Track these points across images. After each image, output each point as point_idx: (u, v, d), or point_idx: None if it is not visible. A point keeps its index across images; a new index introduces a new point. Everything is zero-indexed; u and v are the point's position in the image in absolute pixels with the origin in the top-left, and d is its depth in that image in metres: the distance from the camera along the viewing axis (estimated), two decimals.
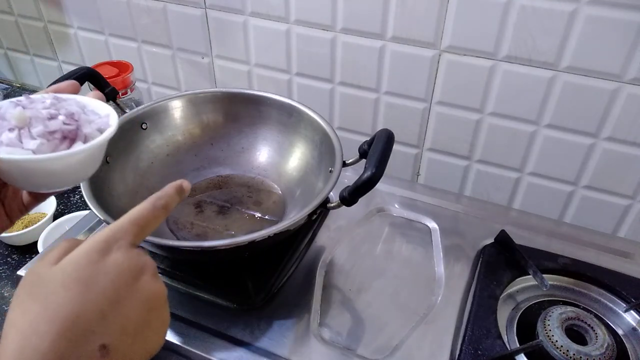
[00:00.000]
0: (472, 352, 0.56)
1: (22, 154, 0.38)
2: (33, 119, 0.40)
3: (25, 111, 0.40)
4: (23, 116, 0.39)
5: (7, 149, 0.38)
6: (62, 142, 0.40)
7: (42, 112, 0.40)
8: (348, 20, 0.84)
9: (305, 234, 0.72)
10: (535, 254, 0.68)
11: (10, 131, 0.39)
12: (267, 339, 0.58)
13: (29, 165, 0.39)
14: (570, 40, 0.71)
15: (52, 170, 0.40)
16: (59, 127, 0.40)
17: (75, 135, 0.40)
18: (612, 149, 0.77)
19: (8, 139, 0.38)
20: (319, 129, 0.71)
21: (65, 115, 0.41)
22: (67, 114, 0.41)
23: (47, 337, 0.28)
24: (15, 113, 0.39)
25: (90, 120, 0.43)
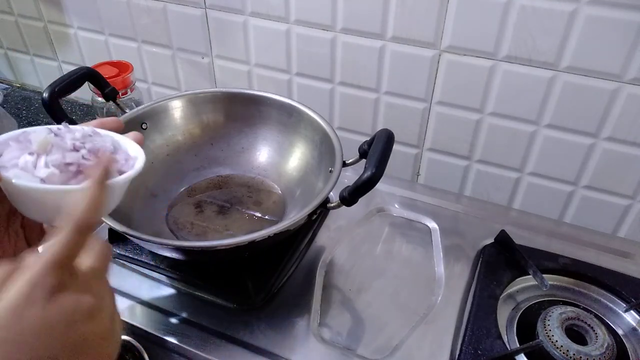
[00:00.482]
0: (472, 352, 0.56)
1: (29, 181, 0.36)
2: (55, 147, 0.38)
3: (49, 138, 0.38)
4: (45, 142, 0.38)
5: (18, 173, 0.37)
6: (76, 176, 0.38)
7: (68, 142, 0.39)
8: (348, 20, 0.84)
9: (305, 234, 0.72)
10: (535, 254, 0.68)
11: (29, 155, 0.37)
12: (267, 339, 0.58)
13: (33, 194, 0.37)
14: (570, 40, 0.71)
15: (58, 203, 0.37)
16: (77, 160, 0.38)
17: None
18: (612, 149, 0.77)
19: (24, 163, 0.37)
20: (319, 129, 0.71)
21: (89, 149, 0.39)
22: (91, 149, 0.39)
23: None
24: (40, 138, 0.38)
25: (115, 160, 0.40)
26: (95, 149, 0.39)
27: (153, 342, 0.59)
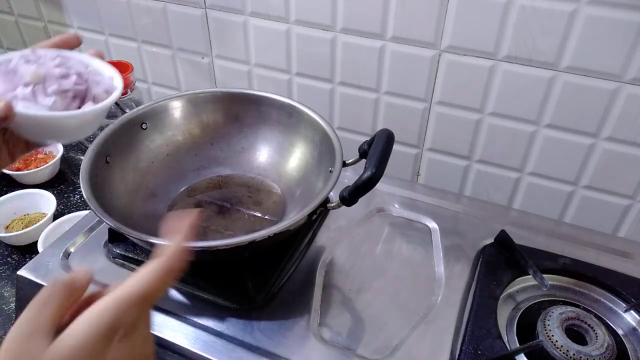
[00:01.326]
0: (472, 352, 0.56)
1: (39, 110, 0.41)
2: (47, 77, 0.42)
3: (39, 69, 0.42)
4: (38, 74, 0.42)
5: (24, 104, 0.40)
6: (73, 101, 0.43)
7: (55, 70, 0.43)
8: (348, 20, 0.84)
9: (305, 234, 0.72)
10: (535, 254, 0.68)
11: (24, 86, 0.41)
12: (267, 339, 0.58)
13: (43, 121, 0.41)
14: (570, 40, 0.71)
15: (63, 127, 0.43)
16: (71, 87, 0.43)
17: (84, 95, 0.44)
18: (612, 149, 0.77)
19: (23, 94, 0.41)
20: (319, 129, 0.71)
21: (76, 75, 0.44)
22: (77, 74, 0.44)
23: None
24: (31, 70, 0.42)
25: (97, 81, 0.45)
26: (79, 73, 0.44)
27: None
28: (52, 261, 0.67)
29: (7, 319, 0.75)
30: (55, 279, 0.33)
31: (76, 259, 0.68)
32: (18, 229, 0.88)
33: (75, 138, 0.47)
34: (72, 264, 0.67)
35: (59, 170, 1.04)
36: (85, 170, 0.62)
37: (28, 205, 0.93)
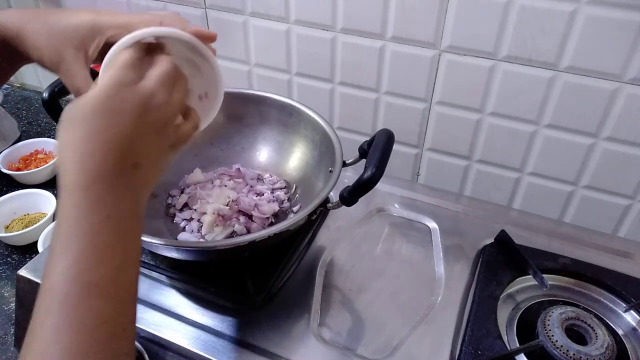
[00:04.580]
0: (472, 352, 0.56)
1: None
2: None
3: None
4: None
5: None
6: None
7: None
8: (348, 20, 0.84)
9: (305, 234, 0.72)
10: (535, 254, 0.68)
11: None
12: (267, 339, 0.58)
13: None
14: (570, 40, 0.71)
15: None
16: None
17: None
18: (612, 149, 0.77)
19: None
20: (319, 129, 0.71)
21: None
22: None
23: (96, 153, 0.35)
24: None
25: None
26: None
27: (153, 342, 0.59)
28: None
29: (7, 319, 0.75)
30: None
31: None
32: (18, 229, 0.88)
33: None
34: None
35: None
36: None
37: (28, 205, 0.93)
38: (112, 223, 0.35)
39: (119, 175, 0.36)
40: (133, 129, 0.37)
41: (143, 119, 0.37)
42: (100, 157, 0.35)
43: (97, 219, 0.34)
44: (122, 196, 0.36)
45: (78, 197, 0.35)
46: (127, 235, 0.36)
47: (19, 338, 0.69)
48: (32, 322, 0.33)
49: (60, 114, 0.37)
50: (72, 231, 0.34)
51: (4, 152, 1.04)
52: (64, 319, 0.32)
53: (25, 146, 1.06)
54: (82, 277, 0.33)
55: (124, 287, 0.35)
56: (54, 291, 0.33)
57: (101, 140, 0.35)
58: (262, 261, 0.65)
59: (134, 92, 0.37)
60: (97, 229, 0.34)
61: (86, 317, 0.33)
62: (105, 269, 0.34)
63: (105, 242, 0.34)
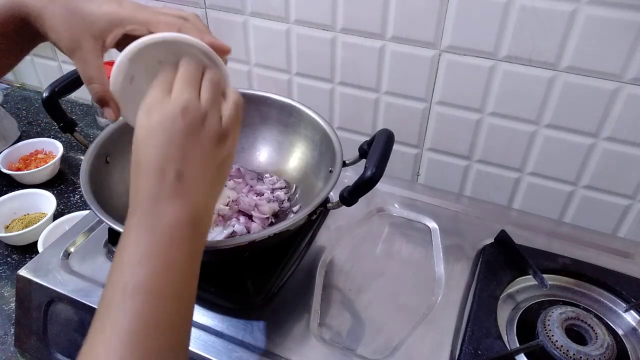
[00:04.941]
0: (472, 352, 0.56)
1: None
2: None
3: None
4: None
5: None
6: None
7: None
8: (348, 20, 0.84)
9: (305, 234, 0.72)
10: (535, 254, 0.68)
11: None
12: (267, 339, 0.58)
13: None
14: (570, 40, 0.71)
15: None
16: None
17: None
18: (612, 149, 0.77)
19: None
20: (319, 129, 0.71)
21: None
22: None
23: (145, 178, 0.38)
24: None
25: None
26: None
27: None
28: (52, 261, 0.67)
29: (7, 319, 0.74)
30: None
31: (76, 259, 0.68)
32: (18, 229, 0.88)
33: None
34: (72, 264, 0.67)
35: (59, 170, 1.04)
36: (85, 170, 0.62)
37: (28, 205, 0.93)
38: (154, 232, 0.37)
39: (161, 191, 0.38)
40: (164, 146, 0.38)
41: (170, 130, 0.38)
42: (143, 184, 0.38)
43: (139, 233, 0.37)
44: (162, 209, 0.37)
45: (127, 222, 0.38)
46: (171, 243, 0.37)
47: (19, 338, 0.69)
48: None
49: (60, 114, 0.38)
50: (119, 250, 0.37)
51: (4, 152, 1.04)
52: (103, 317, 0.34)
53: (25, 146, 1.06)
54: (122, 278, 0.35)
55: (164, 286, 0.36)
56: (102, 299, 0.36)
57: (143, 169, 0.38)
58: (262, 261, 0.65)
59: (159, 110, 0.39)
60: (138, 241, 0.36)
61: (126, 315, 0.34)
62: (142, 272, 0.35)
63: (144, 251, 0.36)
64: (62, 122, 0.65)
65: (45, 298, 0.65)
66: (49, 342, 0.66)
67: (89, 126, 1.18)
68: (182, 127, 0.38)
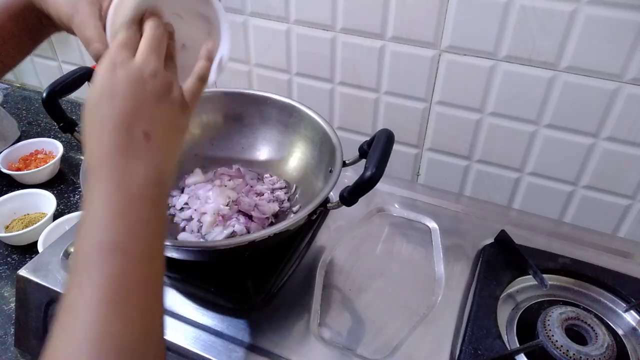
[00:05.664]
0: (472, 352, 0.56)
1: None
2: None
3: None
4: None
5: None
6: None
7: None
8: (348, 20, 0.84)
9: (305, 234, 0.72)
10: (535, 254, 0.68)
11: None
12: (267, 339, 0.58)
13: None
14: (570, 40, 0.71)
15: None
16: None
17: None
18: (612, 149, 0.77)
19: None
20: (319, 129, 0.71)
21: None
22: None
23: (104, 135, 0.38)
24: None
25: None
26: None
27: None
28: (52, 261, 0.67)
29: (7, 319, 0.74)
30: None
31: None
32: (18, 229, 0.88)
33: None
34: None
35: (59, 170, 1.04)
36: (85, 171, 0.62)
37: (28, 205, 0.93)
38: (123, 192, 0.36)
39: (129, 148, 0.37)
40: (133, 104, 0.38)
41: (140, 90, 0.39)
42: (107, 137, 0.37)
43: (110, 189, 0.36)
44: (132, 167, 0.37)
45: (93, 176, 0.37)
46: (143, 200, 0.37)
47: (19, 338, 0.69)
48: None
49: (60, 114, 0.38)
50: (88, 203, 0.37)
51: (4, 152, 1.03)
52: (81, 276, 0.34)
53: (25, 146, 1.06)
54: (95, 237, 0.35)
55: (139, 245, 0.36)
56: (75, 255, 0.35)
57: (106, 122, 0.38)
58: (262, 261, 0.65)
59: (126, 69, 0.39)
60: (110, 199, 0.36)
61: (103, 273, 0.34)
62: (117, 230, 0.35)
63: (117, 209, 0.36)
64: (62, 122, 0.65)
65: (45, 298, 0.65)
66: None
67: None
68: (151, 90, 0.39)
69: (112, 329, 0.32)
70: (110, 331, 0.32)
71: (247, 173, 0.77)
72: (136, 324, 0.33)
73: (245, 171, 0.77)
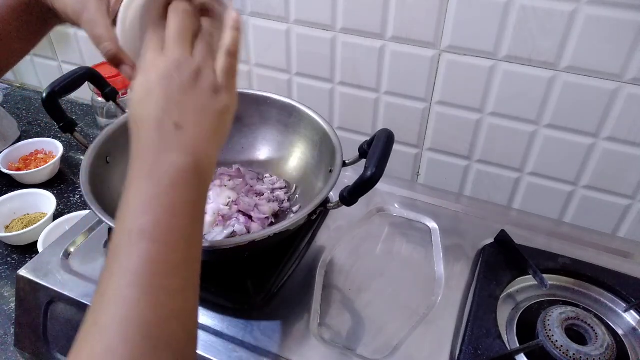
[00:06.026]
0: (472, 352, 0.56)
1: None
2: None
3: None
4: None
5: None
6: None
7: None
8: (348, 20, 0.84)
9: (305, 234, 0.72)
10: (535, 254, 0.68)
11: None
12: (267, 339, 0.58)
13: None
14: (570, 40, 0.71)
15: None
16: None
17: None
18: (612, 149, 0.77)
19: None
20: (319, 129, 0.71)
21: None
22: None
23: (140, 129, 0.39)
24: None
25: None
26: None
27: None
28: (52, 261, 0.67)
29: (7, 319, 0.74)
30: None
31: (76, 259, 0.68)
32: (18, 229, 0.88)
33: None
34: (72, 264, 0.67)
35: (59, 170, 1.04)
36: (85, 170, 0.62)
37: (28, 205, 0.93)
38: (155, 179, 0.37)
39: (160, 140, 0.38)
40: (163, 101, 0.39)
41: (167, 85, 0.40)
42: (143, 136, 0.39)
43: (141, 180, 0.37)
44: (163, 157, 0.38)
45: (129, 172, 0.38)
46: (172, 187, 0.38)
47: (19, 338, 0.69)
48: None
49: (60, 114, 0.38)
50: (124, 197, 0.37)
51: (4, 152, 1.03)
52: (112, 263, 0.35)
53: (25, 146, 1.06)
54: (125, 226, 0.36)
55: (169, 231, 0.36)
56: (110, 244, 0.36)
57: (142, 124, 0.39)
58: (262, 261, 0.65)
59: (155, 68, 0.40)
60: (141, 189, 0.37)
61: (131, 258, 0.34)
62: (146, 218, 0.36)
63: (147, 197, 0.37)
64: (62, 122, 0.65)
65: (45, 298, 0.65)
66: (49, 342, 0.66)
67: (89, 126, 1.18)
68: (177, 83, 0.40)
69: (138, 311, 0.32)
70: (136, 314, 0.32)
71: (247, 173, 0.77)
72: (164, 307, 0.34)
73: (245, 171, 0.77)
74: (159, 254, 0.35)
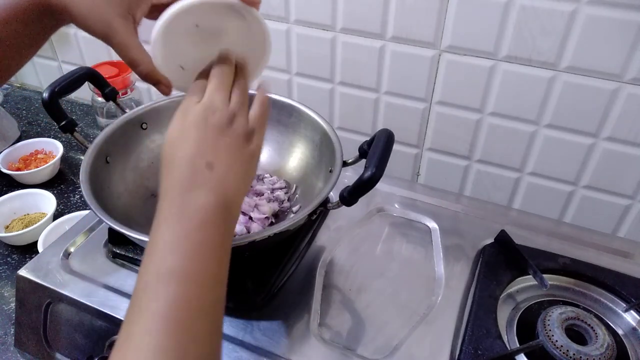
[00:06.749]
0: (472, 352, 0.56)
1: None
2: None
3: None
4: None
5: None
6: None
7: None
8: (348, 20, 0.84)
9: (305, 234, 0.72)
10: (535, 254, 0.68)
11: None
12: (267, 339, 0.58)
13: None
14: (570, 40, 0.71)
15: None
16: None
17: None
18: (612, 149, 0.77)
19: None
20: (319, 129, 0.71)
21: None
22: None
23: (174, 169, 0.40)
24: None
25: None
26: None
27: None
28: (52, 261, 0.67)
29: (7, 319, 0.75)
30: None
31: (76, 259, 0.68)
32: (18, 229, 0.88)
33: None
34: (72, 264, 0.67)
35: (59, 170, 1.04)
36: (85, 170, 0.62)
37: (28, 205, 0.93)
38: (185, 218, 0.38)
39: (192, 180, 0.39)
40: (197, 143, 0.41)
41: (202, 128, 0.41)
42: (175, 174, 0.40)
43: (170, 219, 0.38)
44: (194, 196, 0.39)
45: (158, 211, 0.39)
46: (201, 227, 0.38)
47: (19, 338, 0.69)
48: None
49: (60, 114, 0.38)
50: (152, 236, 0.38)
51: (4, 152, 1.03)
52: (140, 303, 0.35)
53: (25, 146, 1.06)
54: (152, 267, 0.36)
55: (196, 271, 0.36)
56: (137, 283, 0.36)
57: (174, 162, 0.41)
58: (262, 261, 0.65)
59: (193, 113, 0.42)
60: (170, 228, 0.37)
61: (159, 301, 0.34)
62: (174, 258, 0.36)
63: (176, 237, 0.37)
64: (62, 122, 0.65)
65: (45, 298, 0.65)
66: (49, 342, 0.67)
67: (89, 126, 1.18)
68: (213, 125, 0.41)
69: (166, 357, 0.32)
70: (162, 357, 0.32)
71: None
72: (190, 354, 0.33)
73: None
74: (187, 296, 0.35)
